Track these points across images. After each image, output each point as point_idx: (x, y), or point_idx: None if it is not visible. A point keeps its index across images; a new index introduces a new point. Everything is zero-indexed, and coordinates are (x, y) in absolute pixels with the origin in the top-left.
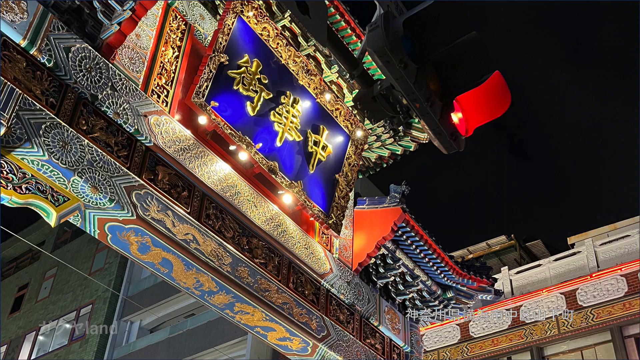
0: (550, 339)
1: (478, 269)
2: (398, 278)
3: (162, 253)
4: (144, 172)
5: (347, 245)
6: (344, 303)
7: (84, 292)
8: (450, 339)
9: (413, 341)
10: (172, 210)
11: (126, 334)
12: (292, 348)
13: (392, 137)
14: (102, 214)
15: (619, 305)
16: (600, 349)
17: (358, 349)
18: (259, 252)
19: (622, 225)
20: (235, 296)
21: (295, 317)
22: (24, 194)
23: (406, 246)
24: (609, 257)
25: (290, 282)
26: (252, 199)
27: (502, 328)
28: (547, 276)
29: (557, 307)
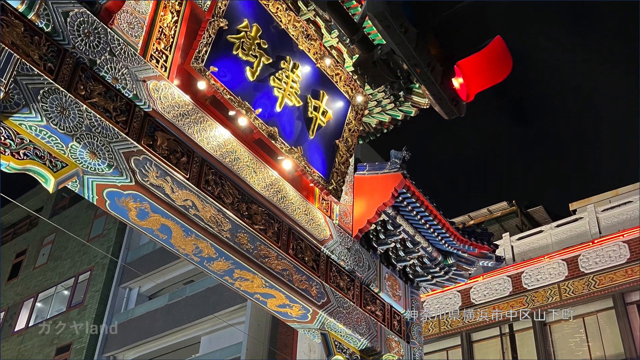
0: (552, 305)
1: (479, 235)
2: (398, 244)
3: (161, 219)
4: (142, 138)
5: (347, 212)
6: (344, 269)
7: (82, 259)
8: (451, 306)
9: (414, 308)
10: (171, 176)
11: (125, 300)
12: (292, 315)
13: (392, 103)
14: (101, 180)
15: (621, 271)
16: (602, 316)
17: (358, 316)
18: (258, 219)
19: (624, 191)
20: (235, 263)
21: (295, 283)
22: (21, 160)
23: (407, 212)
24: (611, 223)
25: (290, 248)
26: (251, 165)
27: (504, 295)
28: (548, 242)
29: (559, 274)
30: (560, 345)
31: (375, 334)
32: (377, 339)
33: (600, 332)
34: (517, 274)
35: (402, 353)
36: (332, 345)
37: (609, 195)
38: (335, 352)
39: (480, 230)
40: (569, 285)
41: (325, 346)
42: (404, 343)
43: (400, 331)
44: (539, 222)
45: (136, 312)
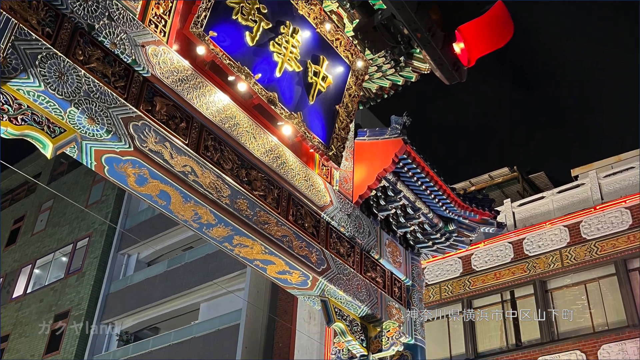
0: (553, 272)
1: (480, 201)
2: (399, 210)
3: (159, 185)
4: (141, 103)
5: (347, 177)
6: (344, 236)
7: (81, 225)
8: (452, 273)
9: (414, 274)
10: (170, 141)
11: (123, 267)
12: (292, 281)
13: (393, 68)
14: (99, 146)
15: (623, 238)
16: (604, 283)
17: (358, 283)
18: (258, 184)
19: (626, 157)
20: (234, 229)
21: (294, 250)
22: (19, 125)
23: (407, 178)
24: (613, 189)
25: (289, 214)
26: (251, 131)
27: (505, 261)
28: (550, 208)
29: (561, 240)
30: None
31: (375, 300)
32: (378, 305)
33: (602, 298)
34: (519, 241)
35: (402, 320)
36: (332, 312)
37: (611, 161)
38: (335, 319)
39: (482, 196)
40: (571, 251)
41: (325, 313)
42: (405, 310)
43: (400, 298)
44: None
45: (135, 279)
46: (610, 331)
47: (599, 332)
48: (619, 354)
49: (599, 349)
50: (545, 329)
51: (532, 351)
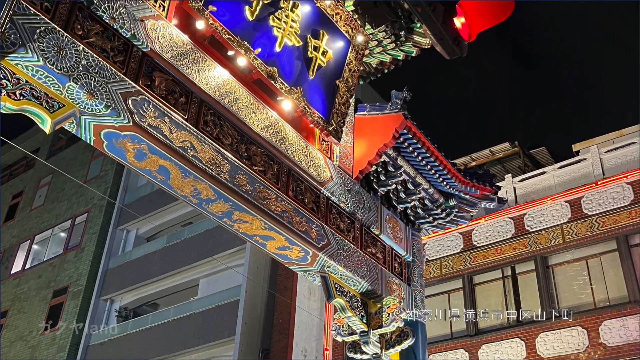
0: (554, 247)
1: (481, 177)
2: (399, 186)
3: (159, 160)
4: (140, 78)
5: (347, 153)
6: (344, 211)
7: (80, 200)
8: (452, 248)
9: (415, 250)
10: (169, 116)
11: (122, 242)
12: (292, 257)
13: (393, 42)
14: (98, 121)
15: (624, 213)
16: (606, 258)
17: (359, 258)
18: (257, 160)
19: (627, 132)
20: (234, 204)
21: (294, 225)
22: (18, 100)
23: (408, 153)
24: (615, 164)
25: (289, 190)
26: (250, 106)
27: (506, 237)
28: (551, 184)
29: (562, 216)
30: (563, 288)
31: (375, 276)
32: (378, 281)
33: (603, 274)
34: (520, 216)
35: (403, 296)
36: (332, 288)
37: (613, 137)
38: (335, 294)
39: (482, 171)
40: (572, 227)
41: (325, 289)
42: (405, 286)
43: (401, 274)
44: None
45: (134, 255)
46: (612, 307)
47: (600, 308)
48: (621, 330)
49: (600, 324)
50: (547, 305)
51: (533, 327)
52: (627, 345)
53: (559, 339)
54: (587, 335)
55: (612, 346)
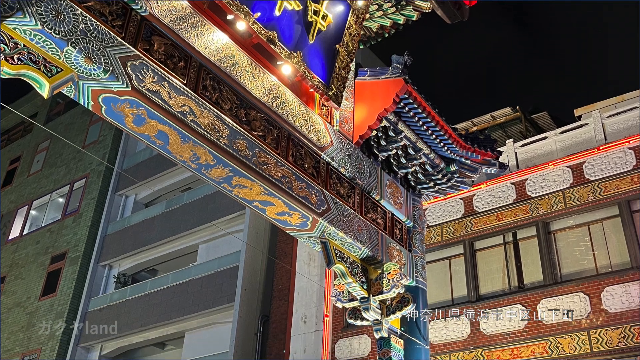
0: (556, 213)
1: (482, 142)
2: (400, 151)
3: (157, 125)
4: (139, 42)
5: (347, 118)
6: (344, 177)
7: (78, 166)
8: (453, 214)
9: (415, 216)
10: (168, 81)
11: (121, 208)
12: (292, 223)
13: (394, 6)
14: (96, 85)
15: (626, 179)
16: (608, 224)
17: (359, 224)
18: (257, 125)
19: (629, 96)
20: (233, 169)
21: (294, 191)
22: (16, 65)
23: (408, 118)
24: (617, 129)
25: (289, 155)
26: (250, 70)
27: (507, 202)
28: (553, 149)
29: (564, 181)
30: (565, 254)
31: (376, 242)
32: (378, 247)
33: (605, 240)
34: (521, 181)
35: (403, 262)
36: (332, 253)
37: (615, 101)
38: (335, 260)
39: (484, 136)
40: (574, 192)
41: (325, 255)
42: (406, 251)
43: (401, 239)
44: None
45: (132, 220)
46: (614, 273)
47: (602, 274)
48: (623, 296)
49: (602, 291)
50: (548, 271)
51: (535, 293)
52: (629, 312)
53: (560, 305)
54: (589, 301)
55: (614, 312)
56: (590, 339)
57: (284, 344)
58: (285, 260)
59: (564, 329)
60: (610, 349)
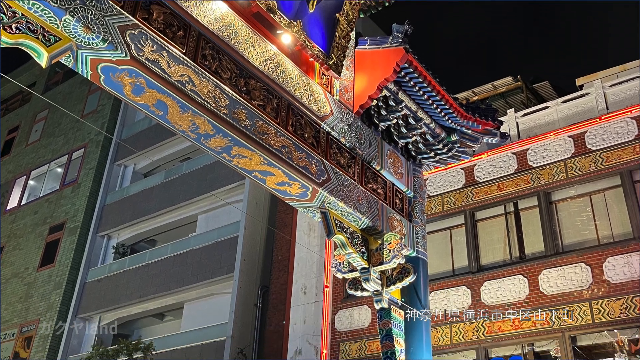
0: (558, 183)
1: (483, 111)
2: (401, 121)
3: (156, 95)
4: (137, 11)
5: (347, 87)
6: (344, 146)
7: (76, 135)
8: (454, 184)
9: (416, 186)
10: (167, 50)
11: (119, 178)
12: (291, 193)
13: None
14: (95, 55)
15: (628, 148)
16: (610, 194)
17: (359, 194)
18: (257, 94)
19: (632, 66)
20: (233, 139)
21: (294, 161)
22: (14, 34)
23: (409, 88)
24: (619, 99)
25: (289, 124)
26: (249, 39)
27: (508, 172)
28: (554, 119)
29: (565, 151)
30: (567, 224)
31: (376, 212)
32: (379, 217)
33: (607, 210)
34: (522, 151)
35: (404, 232)
36: (332, 224)
37: (616, 71)
38: (335, 231)
39: (485, 106)
40: (576, 162)
41: (326, 225)
42: (406, 222)
43: (402, 210)
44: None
45: (131, 190)
46: (616, 243)
47: (604, 245)
48: (625, 266)
49: (604, 261)
50: (550, 241)
51: (536, 264)
52: (631, 282)
53: (562, 276)
54: (590, 272)
55: (615, 283)
56: (592, 309)
57: (283, 314)
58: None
59: (565, 299)
60: (612, 319)
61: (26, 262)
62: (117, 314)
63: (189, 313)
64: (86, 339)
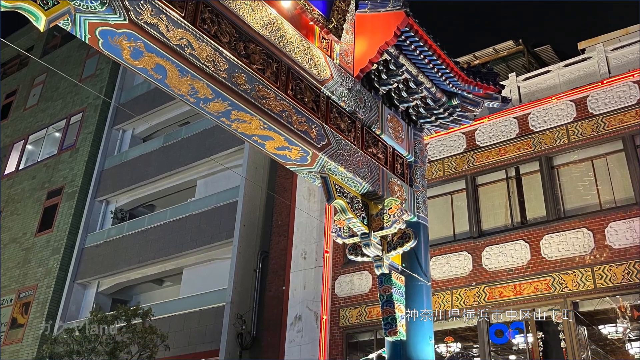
0: (559, 148)
1: (484, 75)
2: (401, 85)
3: (155, 59)
4: None
5: (348, 51)
6: (344, 111)
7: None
8: (455, 148)
9: (417, 150)
10: (166, 14)
11: (118, 143)
12: (291, 158)
13: None
14: (93, 18)
15: (631, 113)
16: (612, 159)
17: (360, 159)
18: (256, 58)
19: (634, 30)
20: (232, 103)
21: (294, 125)
22: None
23: (410, 52)
24: (621, 62)
25: (289, 89)
26: (249, 2)
27: (510, 137)
28: (556, 83)
29: (567, 115)
30: (568, 189)
31: (377, 177)
32: (379, 182)
33: (609, 175)
34: (524, 116)
35: (404, 197)
36: (332, 189)
37: (619, 34)
38: (335, 196)
39: (486, 70)
40: (578, 127)
41: (326, 190)
42: (407, 187)
43: (403, 174)
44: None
45: (130, 155)
46: (618, 208)
47: (606, 210)
48: (627, 231)
49: (606, 226)
50: (551, 206)
51: (538, 229)
52: (633, 248)
53: (564, 241)
54: (592, 237)
55: (618, 248)
56: (594, 275)
57: (283, 280)
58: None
59: (567, 265)
60: (614, 285)
61: (24, 228)
62: (116, 279)
63: (188, 278)
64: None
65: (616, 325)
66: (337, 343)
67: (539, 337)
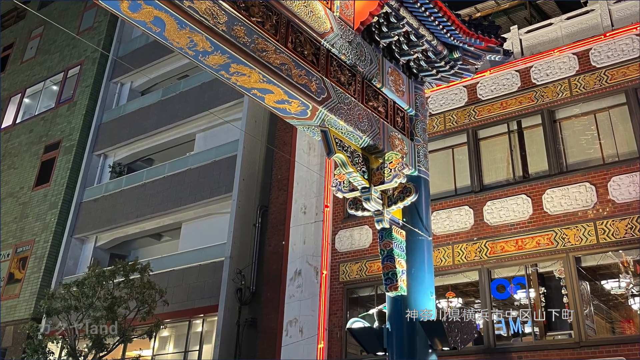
0: (562, 101)
1: (486, 28)
2: (402, 38)
3: (153, 11)
4: None
5: (348, 4)
6: (345, 64)
7: (72, 53)
8: (457, 102)
9: (418, 104)
10: None
11: (116, 96)
12: (291, 111)
13: None
14: None
15: (634, 66)
16: (615, 112)
17: (360, 112)
18: (255, 11)
19: None
20: (231, 57)
21: (294, 78)
22: None
23: (410, 4)
24: (624, 15)
25: (288, 42)
26: None
27: (512, 90)
28: (558, 35)
29: (569, 68)
30: (571, 143)
31: (377, 131)
32: (380, 136)
33: (612, 129)
34: (526, 69)
35: (405, 151)
36: (332, 142)
37: None
38: (335, 149)
39: (487, 22)
40: (580, 80)
41: (326, 144)
42: (408, 140)
43: (403, 128)
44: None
45: (128, 108)
46: (621, 162)
47: (608, 164)
48: (630, 186)
49: (609, 181)
50: (554, 160)
51: (540, 183)
52: (636, 202)
53: (566, 196)
54: (595, 191)
55: (620, 203)
56: (596, 230)
57: (283, 234)
58: (285, 149)
59: (569, 219)
60: (617, 240)
61: (21, 182)
62: (114, 234)
63: (187, 233)
64: (82, 260)
65: (619, 280)
66: (337, 298)
67: (541, 292)
